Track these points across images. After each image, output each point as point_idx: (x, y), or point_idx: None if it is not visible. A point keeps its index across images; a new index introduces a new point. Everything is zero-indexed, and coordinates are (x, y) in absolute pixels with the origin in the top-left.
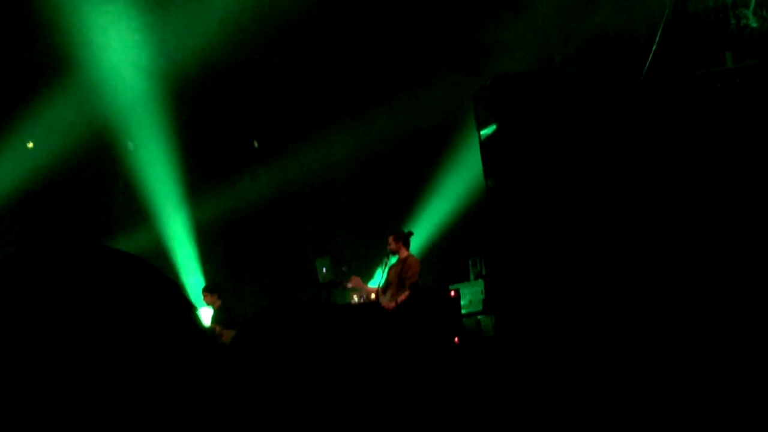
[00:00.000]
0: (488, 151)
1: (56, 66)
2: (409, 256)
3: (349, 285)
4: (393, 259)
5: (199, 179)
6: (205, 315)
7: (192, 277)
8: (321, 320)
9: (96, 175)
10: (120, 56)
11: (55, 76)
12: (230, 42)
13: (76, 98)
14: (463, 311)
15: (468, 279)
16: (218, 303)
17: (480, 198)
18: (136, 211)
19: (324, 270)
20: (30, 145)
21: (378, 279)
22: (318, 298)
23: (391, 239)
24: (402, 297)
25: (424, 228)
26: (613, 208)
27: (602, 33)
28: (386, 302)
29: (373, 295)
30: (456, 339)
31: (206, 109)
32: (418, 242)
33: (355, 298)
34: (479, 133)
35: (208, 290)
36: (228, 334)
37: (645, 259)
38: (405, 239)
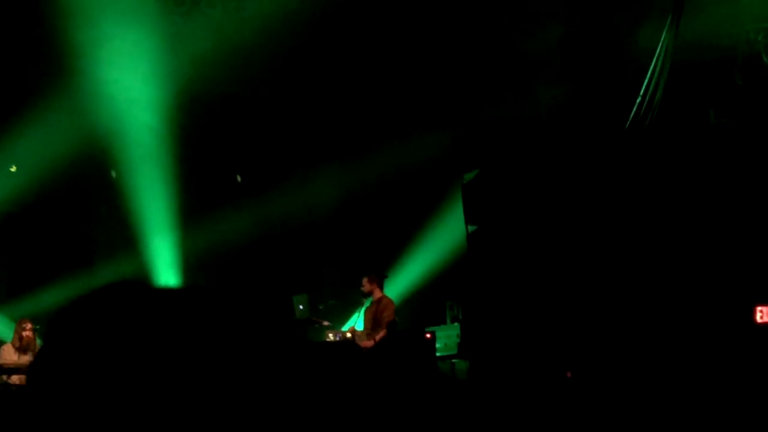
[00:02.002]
0: (470, 196)
1: (44, 89)
2: (383, 297)
3: (325, 323)
4: (368, 301)
5: (183, 210)
6: None
7: None
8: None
9: (78, 202)
10: (108, 84)
11: (42, 99)
12: (217, 76)
13: (63, 124)
14: (438, 354)
15: (444, 322)
16: None
17: (460, 243)
18: (119, 239)
19: (301, 307)
20: (13, 168)
21: (354, 320)
22: (293, 335)
23: (365, 281)
24: (379, 335)
25: (403, 270)
26: (590, 259)
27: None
28: (363, 341)
29: (349, 335)
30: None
31: (192, 142)
32: (397, 284)
33: (331, 336)
34: (462, 178)
35: None
36: None
37: (620, 311)
38: (379, 281)
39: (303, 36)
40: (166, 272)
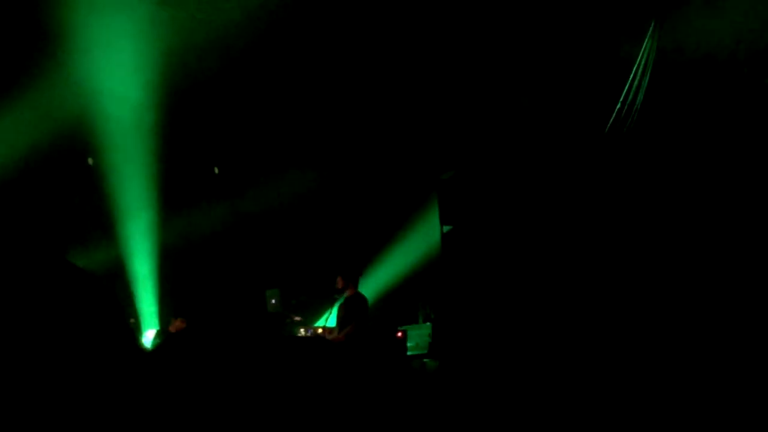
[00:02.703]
0: (445, 196)
1: (22, 74)
2: (357, 294)
3: (297, 319)
4: (342, 299)
5: (160, 200)
6: (149, 336)
7: (146, 298)
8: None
9: (54, 188)
10: (88, 71)
11: (20, 83)
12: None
13: (40, 108)
14: (410, 353)
15: (417, 321)
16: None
17: (436, 243)
18: (94, 226)
19: (273, 301)
20: None
21: (326, 317)
22: (264, 328)
23: (339, 278)
24: (345, 331)
25: (379, 269)
26: (563, 260)
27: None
28: (334, 337)
29: (320, 330)
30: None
31: (172, 132)
32: (372, 283)
33: (302, 332)
34: (440, 177)
35: (176, 315)
36: None
37: (592, 312)
38: (353, 278)
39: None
40: (141, 262)
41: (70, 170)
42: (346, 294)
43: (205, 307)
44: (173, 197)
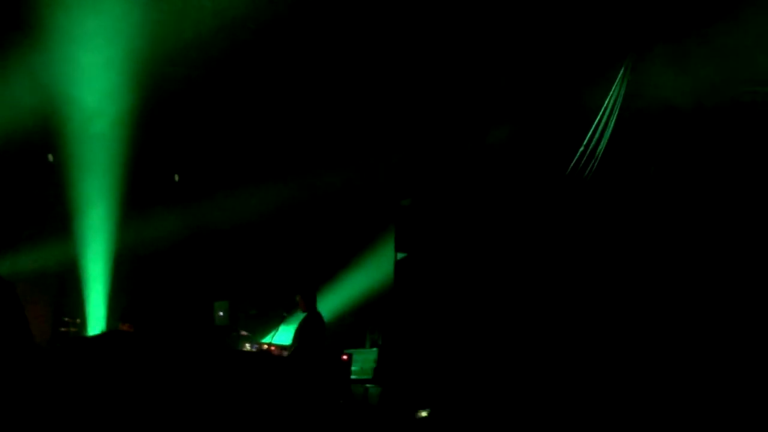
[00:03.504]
0: (402, 224)
1: None
2: (315, 313)
3: (243, 333)
4: (300, 317)
5: (118, 204)
6: None
7: (96, 299)
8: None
9: (10, 182)
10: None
11: None
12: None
13: (3, 98)
14: (354, 377)
15: (364, 346)
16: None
17: (390, 270)
18: (49, 224)
19: (221, 313)
20: None
21: (273, 334)
22: (209, 339)
23: (299, 298)
24: (293, 348)
25: (332, 290)
26: (512, 296)
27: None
28: (281, 352)
29: (265, 346)
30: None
31: (134, 136)
32: (324, 303)
33: (248, 346)
34: (400, 203)
35: (126, 320)
36: None
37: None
38: (312, 298)
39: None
40: (95, 262)
41: (30, 166)
42: (306, 313)
43: (153, 313)
44: (132, 201)
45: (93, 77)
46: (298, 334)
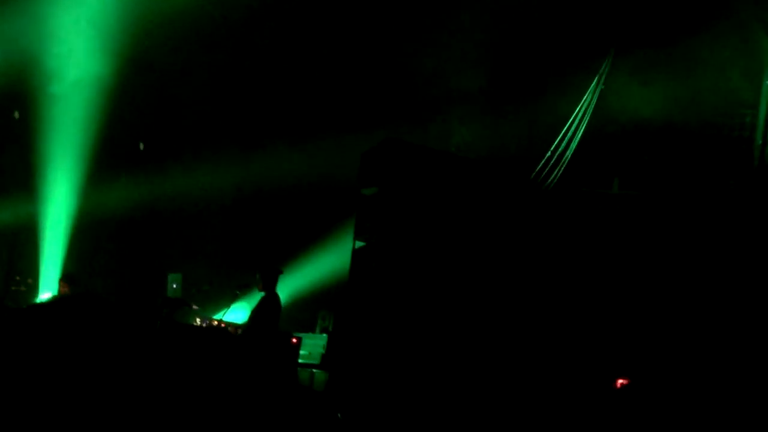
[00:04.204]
0: (363, 211)
1: None
2: (272, 293)
3: (194, 307)
4: (255, 296)
5: (82, 168)
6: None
7: (51, 261)
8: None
9: None
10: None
11: None
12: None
13: None
14: (301, 361)
15: (314, 331)
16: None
17: (346, 258)
18: (13, 180)
19: (174, 286)
20: None
21: (225, 311)
22: (159, 311)
23: (258, 277)
24: (249, 328)
25: (287, 273)
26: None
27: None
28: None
29: (215, 322)
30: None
31: (105, 101)
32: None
33: (198, 321)
34: (360, 192)
35: (64, 279)
36: None
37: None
38: (272, 277)
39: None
40: (53, 225)
41: None
42: (264, 293)
43: (104, 280)
44: (96, 166)
45: (64, 37)
46: (256, 314)
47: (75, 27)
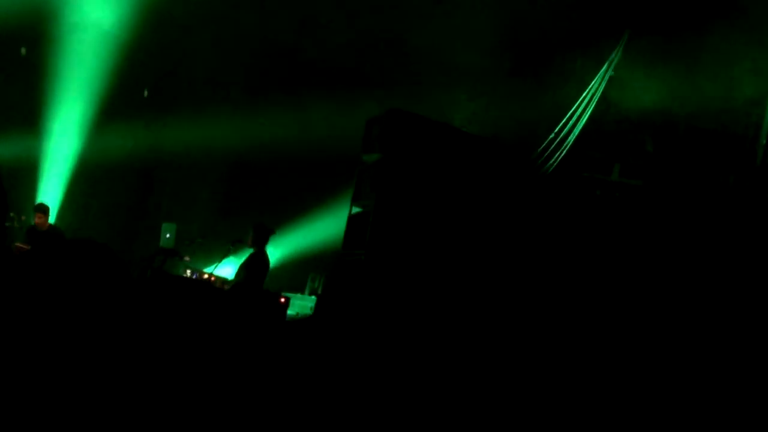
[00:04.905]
0: (363, 178)
1: None
2: (261, 251)
3: (186, 259)
4: (247, 252)
5: (87, 111)
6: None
7: (48, 200)
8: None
9: None
10: None
11: None
12: None
13: None
14: (287, 320)
15: (303, 292)
16: (46, 226)
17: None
18: (19, 117)
19: (168, 236)
20: None
21: (216, 265)
22: (151, 260)
23: (250, 233)
24: (237, 284)
25: (282, 233)
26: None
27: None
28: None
29: (206, 276)
30: None
31: (110, 45)
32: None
33: (188, 273)
34: (362, 157)
35: (39, 209)
36: None
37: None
38: (263, 235)
39: None
40: (54, 165)
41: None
42: (253, 250)
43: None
44: (100, 110)
45: None
46: (245, 269)
47: None
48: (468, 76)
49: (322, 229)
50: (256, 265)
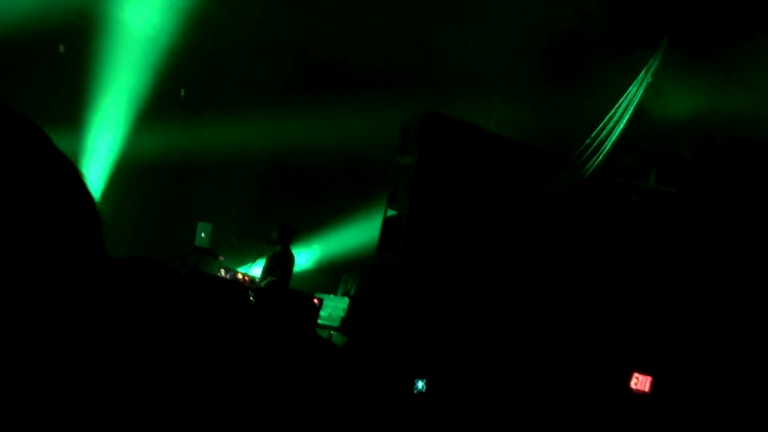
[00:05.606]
0: (398, 180)
1: None
2: (286, 250)
3: (220, 258)
4: (271, 250)
5: (124, 110)
6: None
7: None
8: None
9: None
10: None
11: None
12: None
13: None
14: (320, 322)
15: (335, 293)
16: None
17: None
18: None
19: (203, 235)
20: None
21: (250, 265)
22: (185, 259)
23: (274, 231)
24: (267, 282)
25: (317, 233)
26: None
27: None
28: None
29: (240, 276)
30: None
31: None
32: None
33: (222, 272)
34: (397, 160)
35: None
36: None
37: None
38: (287, 234)
39: None
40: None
41: (39, 55)
42: (278, 248)
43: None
44: (137, 109)
45: None
46: (271, 267)
47: None
48: (502, 80)
49: (355, 231)
50: (285, 262)
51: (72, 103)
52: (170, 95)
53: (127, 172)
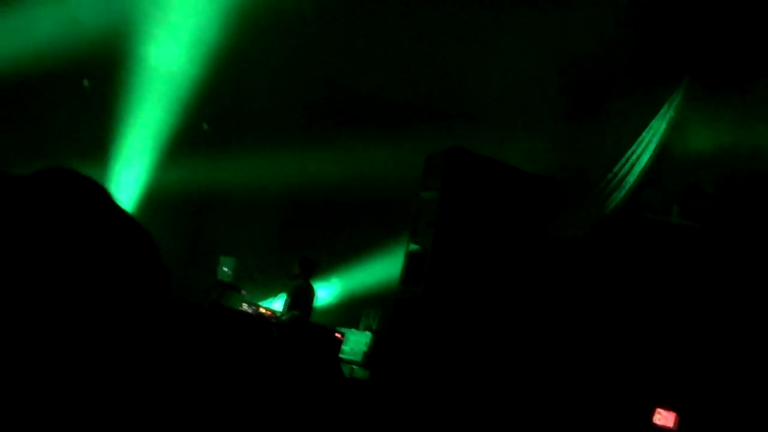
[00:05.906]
0: (421, 215)
1: None
2: (306, 283)
3: (243, 293)
4: (293, 284)
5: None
6: None
7: None
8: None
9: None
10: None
11: None
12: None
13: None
14: (342, 356)
15: (357, 327)
16: None
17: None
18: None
19: (225, 269)
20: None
21: (273, 300)
22: (208, 293)
23: (295, 265)
24: (289, 316)
25: (339, 267)
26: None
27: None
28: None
29: (262, 310)
30: None
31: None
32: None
33: (245, 307)
34: (420, 194)
35: None
36: None
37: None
38: (308, 268)
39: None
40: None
41: (65, 90)
42: (298, 282)
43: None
44: (162, 144)
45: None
46: (293, 301)
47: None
48: (524, 115)
49: (375, 265)
50: (306, 296)
51: (97, 138)
52: (194, 130)
53: (151, 206)
